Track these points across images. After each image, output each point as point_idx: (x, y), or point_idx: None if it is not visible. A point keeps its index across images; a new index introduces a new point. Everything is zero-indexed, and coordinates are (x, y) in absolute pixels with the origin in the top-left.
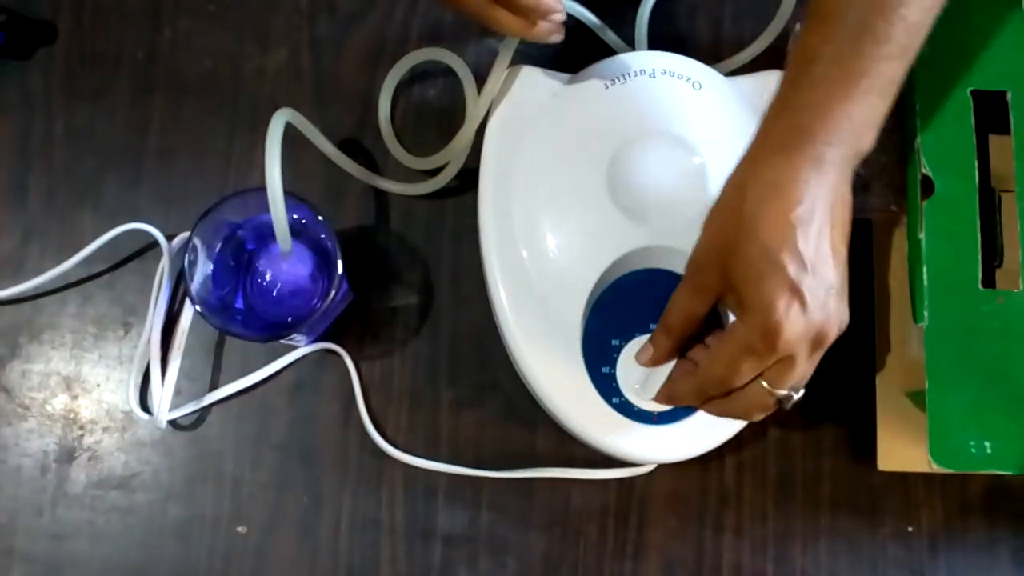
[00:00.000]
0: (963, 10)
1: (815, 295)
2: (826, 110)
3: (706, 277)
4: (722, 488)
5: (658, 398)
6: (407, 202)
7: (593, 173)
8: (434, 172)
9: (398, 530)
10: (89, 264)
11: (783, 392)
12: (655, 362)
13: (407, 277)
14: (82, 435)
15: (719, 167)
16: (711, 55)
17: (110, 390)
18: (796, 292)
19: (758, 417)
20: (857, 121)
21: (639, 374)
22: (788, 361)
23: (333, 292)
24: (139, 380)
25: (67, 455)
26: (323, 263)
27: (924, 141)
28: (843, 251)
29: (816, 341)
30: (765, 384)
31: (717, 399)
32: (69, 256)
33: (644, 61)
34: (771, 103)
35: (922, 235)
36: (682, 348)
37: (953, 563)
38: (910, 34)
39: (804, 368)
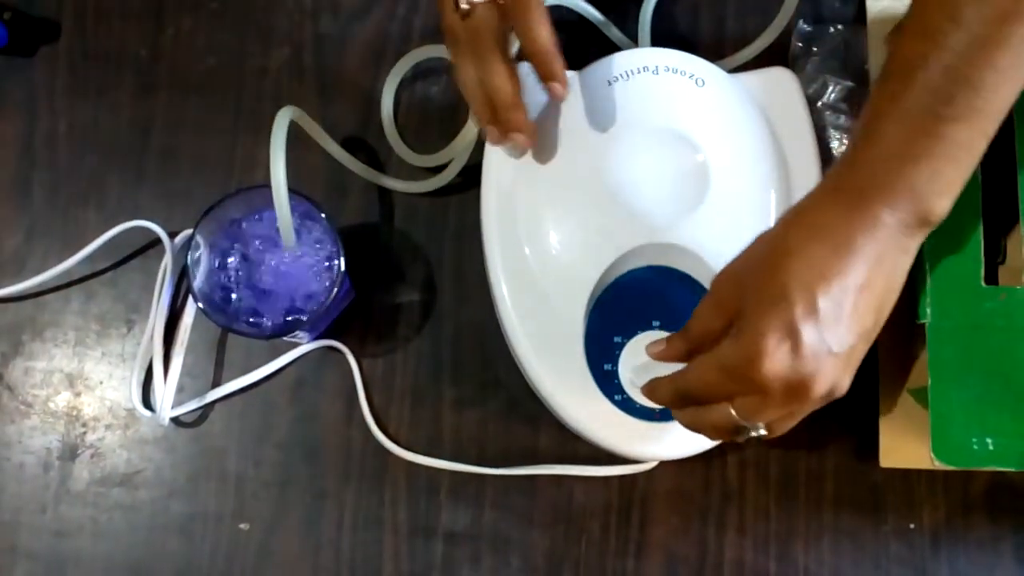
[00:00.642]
0: None
1: (813, 347)
2: (887, 171)
3: (724, 294)
4: (724, 485)
5: (643, 389)
6: (410, 199)
7: (596, 170)
8: (437, 169)
9: (401, 528)
10: (92, 261)
11: (743, 423)
12: (661, 357)
13: (409, 274)
14: (85, 432)
15: (722, 164)
16: (714, 52)
17: (113, 387)
18: (793, 334)
19: (715, 439)
20: (919, 187)
21: (637, 363)
22: (760, 397)
23: (335, 289)
24: (142, 377)
25: (70, 452)
26: (325, 260)
27: None
28: (868, 322)
29: (795, 391)
30: (732, 410)
31: (688, 409)
32: (72, 253)
33: (647, 58)
34: (846, 149)
35: None
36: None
37: (955, 560)
38: (983, 99)
39: (773, 412)
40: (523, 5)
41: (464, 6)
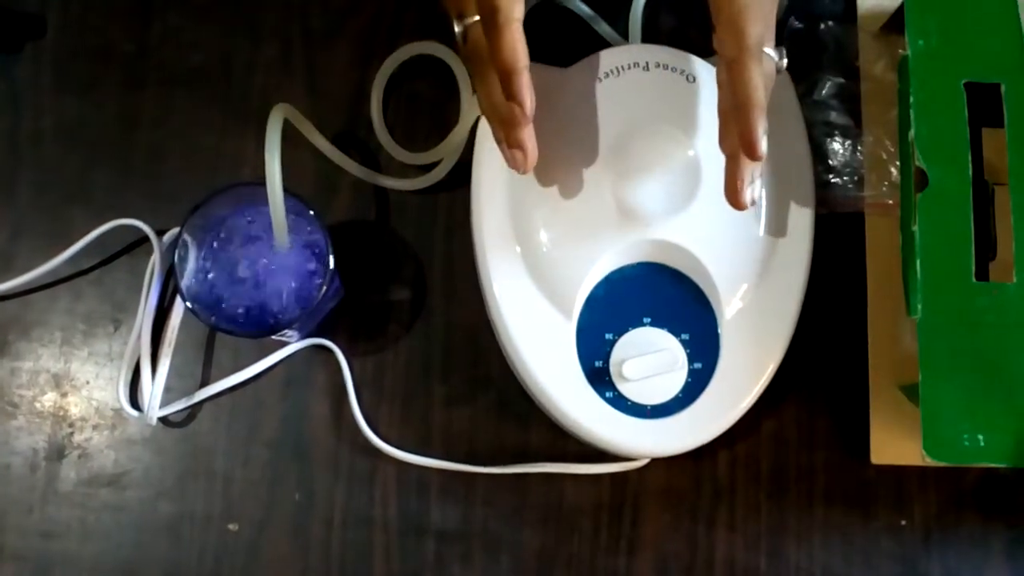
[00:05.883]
0: (957, 2)
1: None
2: None
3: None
4: (715, 483)
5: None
6: (400, 197)
7: (586, 167)
8: (427, 167)
9: (391, 527)
10: (79, 260)
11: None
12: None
13: (399, 272)
14: (72, 432)
15: (713, 160)
16: (705, 48)
17: (100, 387)
18: None
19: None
20: None
21: (628, 360)
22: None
23: (325, 288)
24: (129, 377)
25: (57, 453)
26: (315, 258)
27: (918, 134)
28: None
29: None
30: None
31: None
32: (58, 252)
33: (638, 54)
34: None
35: (915, 228)
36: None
37: (946, 556)
38: None
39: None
40: (491, 22)
41: (458, 30)
